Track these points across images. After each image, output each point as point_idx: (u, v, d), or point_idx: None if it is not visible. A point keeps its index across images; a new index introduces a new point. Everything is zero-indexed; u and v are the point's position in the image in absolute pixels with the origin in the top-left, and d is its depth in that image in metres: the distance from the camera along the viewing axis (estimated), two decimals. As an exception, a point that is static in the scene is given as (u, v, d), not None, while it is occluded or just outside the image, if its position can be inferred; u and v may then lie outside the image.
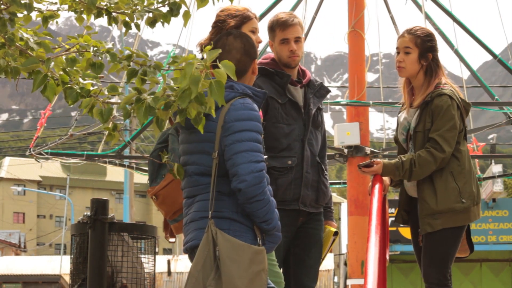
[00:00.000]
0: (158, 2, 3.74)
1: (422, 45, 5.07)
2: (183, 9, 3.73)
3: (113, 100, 3.45)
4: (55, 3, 3.74)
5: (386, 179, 5.19)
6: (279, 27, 5.16)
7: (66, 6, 3.74)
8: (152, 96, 3.36)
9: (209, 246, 3.97)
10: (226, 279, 3.92)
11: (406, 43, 5.09)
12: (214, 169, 4.05)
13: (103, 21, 3.86)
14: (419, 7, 12.50)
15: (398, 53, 5.16)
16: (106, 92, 3.42)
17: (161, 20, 3.76)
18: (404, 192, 5.14)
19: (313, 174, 5.14)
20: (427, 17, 12.45)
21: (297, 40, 5.14)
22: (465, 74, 13.13)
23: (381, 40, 13.55)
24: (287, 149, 5.07)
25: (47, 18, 3.76)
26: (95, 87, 3.42)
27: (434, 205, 4.84)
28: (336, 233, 5.24)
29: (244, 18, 4.78)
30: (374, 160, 5.07)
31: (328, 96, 5.61)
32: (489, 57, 12.64)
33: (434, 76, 5.05)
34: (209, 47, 3.47)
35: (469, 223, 4.96)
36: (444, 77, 5.09)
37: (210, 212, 4.02)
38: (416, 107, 5.04)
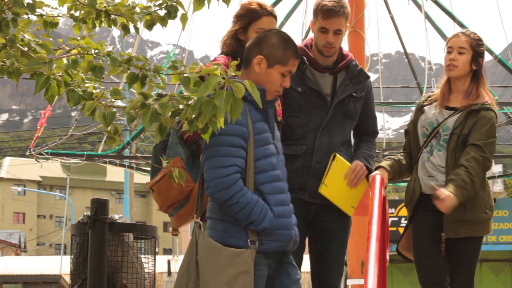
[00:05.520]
0: (155, 5, 3.74)
1: (476, 49, 4.97)
2: (180, 11, 3.72)
3: (116, 103, 3.44)
4: (56, 8, 3.74)
5: (385, 175, 4.98)
6: (322, 14, 4.81)
7: (65, 11, 3.74)
8: (158, 102, 3.33)
9: (193, 250, 4.00)
10: (202, 282, 3.94)
11: (462, 43, 4.95)
12: (201, 173, 4.11)
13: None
14: (419, 7, 12.52)
15: (449, 52, 4.99)
16: (108, 96, 3.41)
17: (159, 23, 3.76)
18: (413, 190, 4.98)
19: (326, 164, 4.86)
20: (427, 17, 12.46)
21: (337, 32, 4.82)
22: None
23: (381, 40, 13.56)
24: (301, 138, 4.86)
25: (47, 23, 3.77)
26: (98, 90, 3.42)
27: (462, 212, 4.77)
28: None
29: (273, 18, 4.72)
30: (438, 192, 4.78)
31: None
32: (489, 57, 12.66)
33: (480, 84, 4.98)
34: (235, 62, 3.37)
35: (486, 234, 4.90)
36: (486, 92, 5.01)
37: (195, 216, 4.08)
38: (460, 110, 4.92)
